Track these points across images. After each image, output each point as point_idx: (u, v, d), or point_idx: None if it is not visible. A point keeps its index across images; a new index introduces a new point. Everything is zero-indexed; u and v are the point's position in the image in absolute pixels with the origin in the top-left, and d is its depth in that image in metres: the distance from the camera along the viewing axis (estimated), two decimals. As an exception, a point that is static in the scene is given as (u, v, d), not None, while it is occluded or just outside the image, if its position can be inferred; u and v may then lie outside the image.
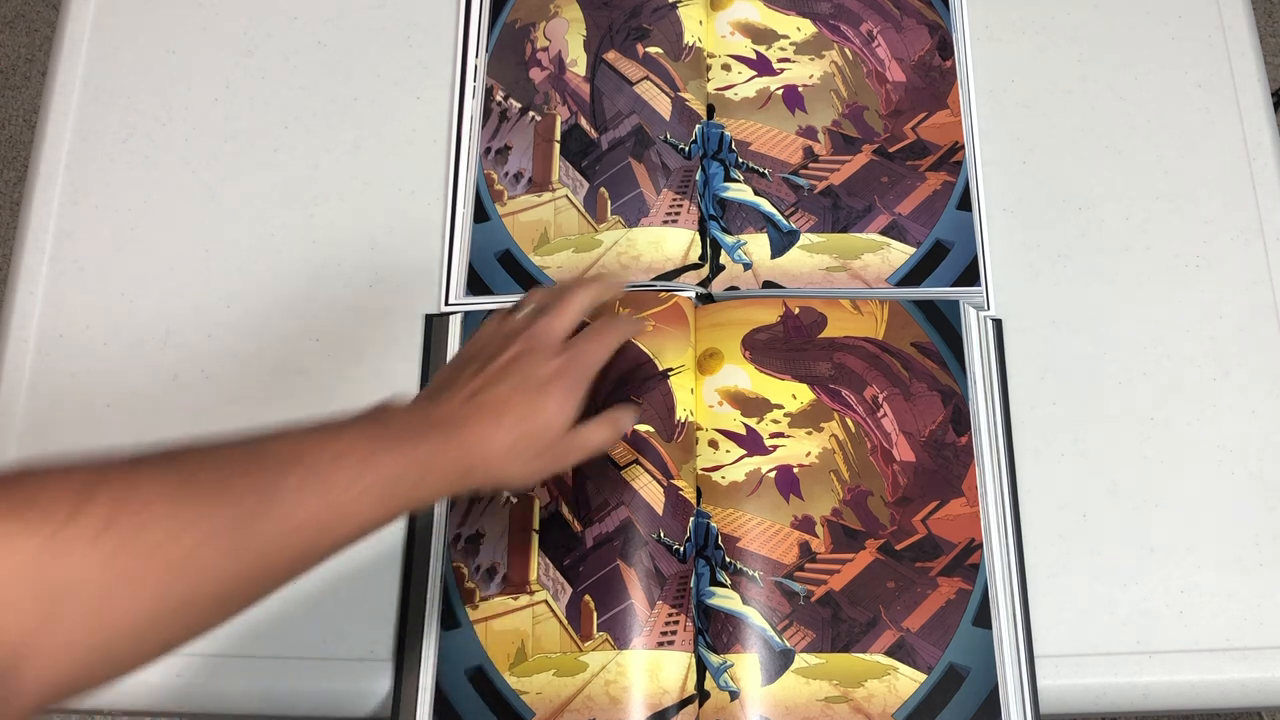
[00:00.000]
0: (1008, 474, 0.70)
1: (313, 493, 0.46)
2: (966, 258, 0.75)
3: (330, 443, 0.48)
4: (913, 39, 0.81)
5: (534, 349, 0.58)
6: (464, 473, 0.53)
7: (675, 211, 0.76)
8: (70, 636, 0.39)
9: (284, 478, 0.45)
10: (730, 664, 0.65)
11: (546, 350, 0.58)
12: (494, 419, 0.55)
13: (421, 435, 0.52)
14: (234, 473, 0.44)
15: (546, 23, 0.83)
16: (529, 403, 0.56)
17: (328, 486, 0.47)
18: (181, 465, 0.43)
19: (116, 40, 0.85)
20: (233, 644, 0.69)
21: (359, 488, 0.48)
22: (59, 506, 0.39)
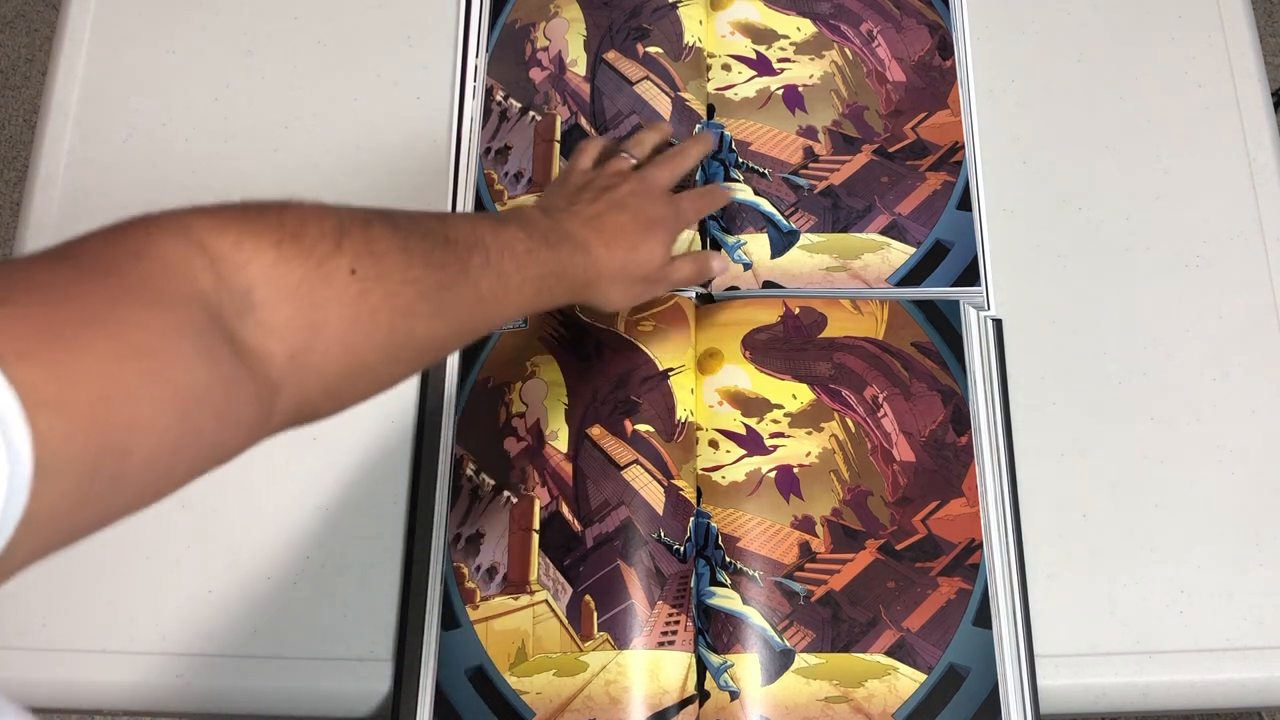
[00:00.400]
0: (1008, 474, 0.70)
1: (490, 273, 0.52)
2: (966, 258, 0.75)
3: (499, 234, 0.54)
4: (913, 39, 0.81)
5: (646, 190, 0.65)
6: (584, 285, 0.60)
7: None
8: (323, 361, 0.43)
9: (470, 256, 0.51)
10: (730, 664, 0.65)
11: (657, 194, 0.66)
12: (610, 243, 0.61)
13: (557, 245, 0.58)
14: (436, 244, 0.49)
15: (546, 23, 0.83)
16: (639, 235, 0.62)
17: (499, 271, 0.53)
18: (401, 229, 0.48)
19: (116, 40, 0.85)
20: (233, 644, 0.69)
21: (520, 277, 0.54)
22: (323, 242, 0.43)
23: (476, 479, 0.70)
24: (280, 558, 0.71)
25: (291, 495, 0.72)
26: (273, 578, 0.71)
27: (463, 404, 0.72)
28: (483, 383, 0.73)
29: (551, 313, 0.73)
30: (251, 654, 0.69)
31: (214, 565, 0.71)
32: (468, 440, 0.71)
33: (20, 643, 0.69)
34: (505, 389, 0.72)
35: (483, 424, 0.72)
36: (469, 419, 0.72)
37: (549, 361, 0.72)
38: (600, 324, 0.73)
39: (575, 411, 0.71)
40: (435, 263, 0.49)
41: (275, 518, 0.72)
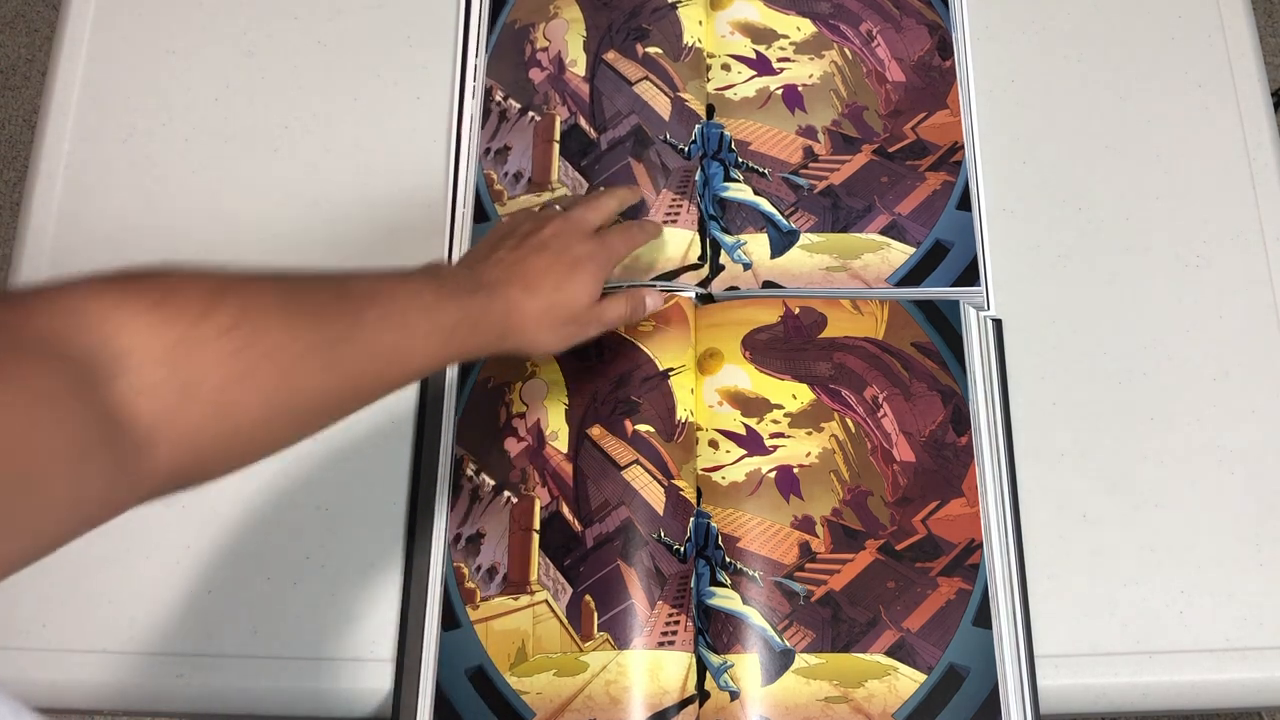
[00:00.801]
0: (1008, 474, 0.70)
1: (389, 327, 0.51)
2: (966, 258, 0.75)
3: (402, 286, 0.53)
4: (912, 39, 0.81)
5: (569, 231, 0.64)
6: (502, 334, 0.58)
7: (675, 211, 0.76)
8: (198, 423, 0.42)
9: (367, 310, 0.50)
10: (730, 664, 0.65)
11: (580, 234, 0.64)
12: (531, 286, 0.60)
13: (471, 294, 0.57)
14: (327, 300, 0.49)
15: (546, 23, 0.83)
16: (563, 275, 0.61)
17: (401, 324, 0.52)
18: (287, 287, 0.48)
19: (116, 40, 0.85)
20: (233, 644, 0.69)
21: (424, 329, 0.53)
22: (194, 304, 0.43)
23: (477, 479, 0.70)
24: (280, 558, 0.71)
25: (291, 495, 0.72)
26: (273, 578, 0.71)
27: (463, 404, 0.72)
28: (483, 383, 0.73)
29: None
30: (251, 654, 0.69)
31: (214, 565, 0.71)
32: (468, 440, 0.71)
33: (20, 643, 0.69)
34: (505, 389, 0.72)
35: (483, 424, 0.72)
36: (469, 419, 0.72)
37: (549, 361, 0.72)
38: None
39: (575, 411, 0.71)
40: (327, 316, 0.48)
41: (275, 518, 0.72)
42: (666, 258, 0.74)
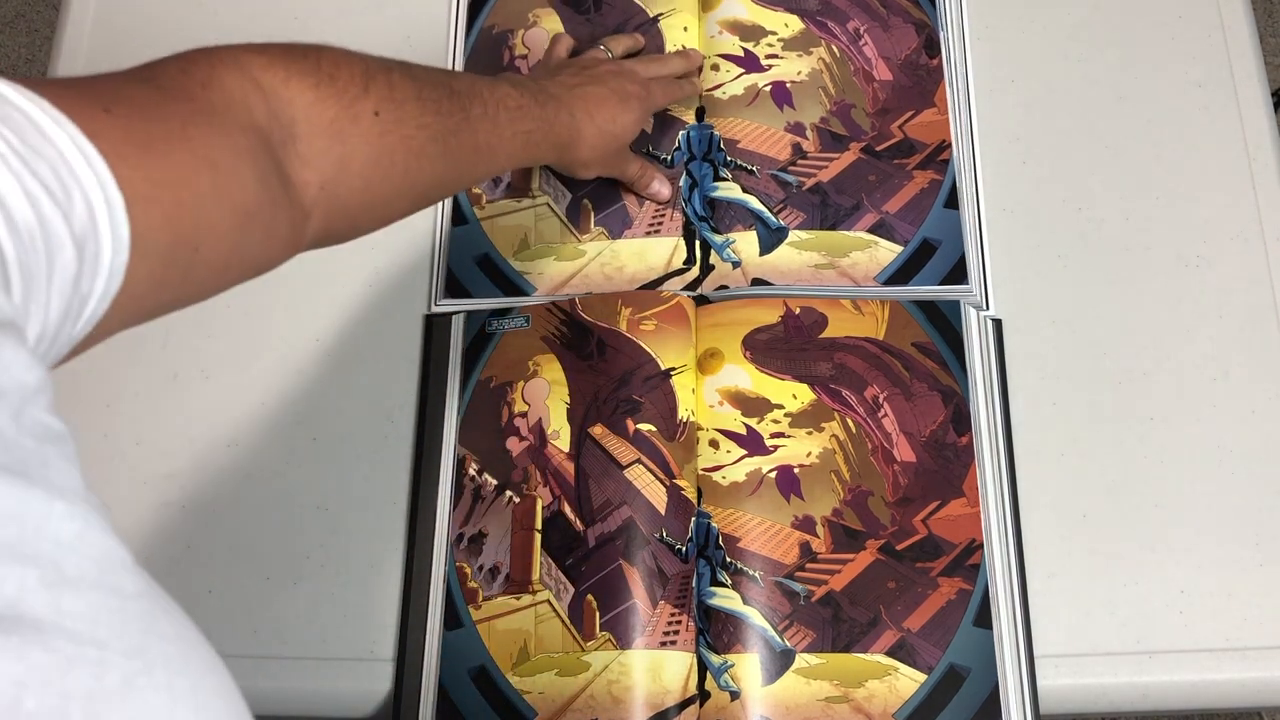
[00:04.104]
0: (1008, 474, 0.70)
1: (486, 123, 0.57)
2: (954, 256, 0.75)
3: (493, 89, 0.59)
4: (899, 37, 0.81)
5: (621, 73, 0.71)
6: (565, 145, 0.65)
7: (658, 221, 0.76)
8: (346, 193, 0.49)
9: (471, 106, 0.56)
10: (731, 664, 0.65)
11: (632, 77, 0.72)
12: (591, 110, 0.67)
13: (544, 103, 0.63)
14: (444, 94, 0.54)
15: (525, 31, 0.83)
16: (616, 107, 0.68)
17: (494, 123, 0.58)
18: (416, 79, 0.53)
19: (116, 40, 0.85)
20: (233, 644, 0.69)
21: (511, 130, 0.59)
22: (350, 86, 0.48)
23: (479, 479, 0.70)
24: (280, 558, 0.71)
25: (291, 495, 0.72)
26: (273, 578, 0.71)
27: (465, 404, 0.72)
28: (485, 382, 0.73)
29: (553, 312, 0.73)
30: (251, 654, 0.69)
31: (214, 565, 0.71)
32: (470, 440, 0.71)
33: (20, 643, 0.69)
34: (507, 389, 0.72)
35: (485, 424, 0.72)
36: (471, 419, 0.72)
37: (551, 361, 0.72)
38: (602, 323, 0.73)
39: (577, 411, 0.71)
40: (444, 110, 0.54)
41: (275, 518, 0.72)
42: (650, 266, 0.75)
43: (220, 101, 0.42)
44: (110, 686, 0.29)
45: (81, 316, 0.35)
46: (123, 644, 0.30)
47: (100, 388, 0.75)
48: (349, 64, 0.49)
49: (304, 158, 0.46)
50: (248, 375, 0.75)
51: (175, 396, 0.75)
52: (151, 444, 0.74)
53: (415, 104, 0.52)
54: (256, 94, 0.44)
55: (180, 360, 0.76)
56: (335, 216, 0.49)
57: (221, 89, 0.43)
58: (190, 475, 0.73)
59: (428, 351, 0.75)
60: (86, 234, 0.34)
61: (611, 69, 0.71)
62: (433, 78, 0.54)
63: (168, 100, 0.40)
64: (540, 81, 0.65)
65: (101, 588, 0.31)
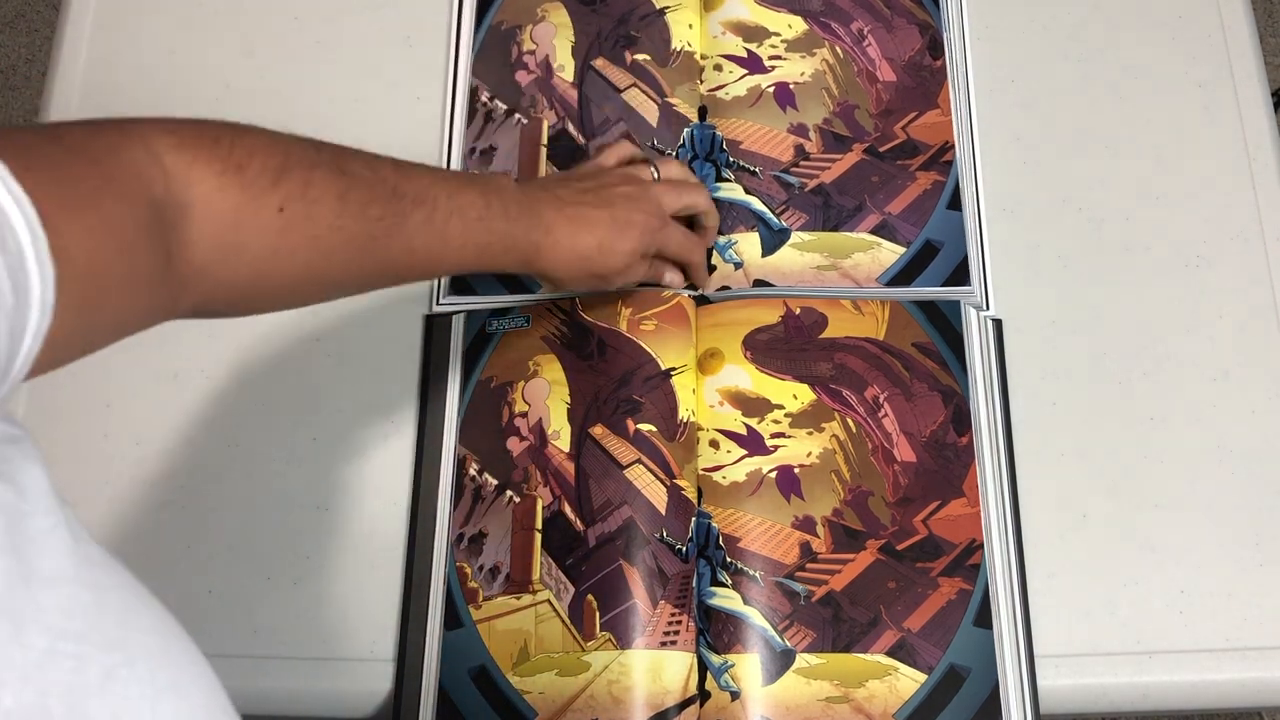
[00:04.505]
0: (1008, 474, 0.70)
1: (429, 231, 0.56)
2: (957, 257, 0.75)
3: (454, 196, 0.57)
4: (903, 39, 0.81)
5: (641, 200, 0.66)
6: (530, 260, 0.62)
7: None
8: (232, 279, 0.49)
9: (413, 212, 0.55)
10: (731, 664, 0.65)
11: (650, 208, 0.66)
12: (577, 231, 0.63)
13: (516, 219, 0.60)
14: (379, 197, 0.53)
15: (534, 26, 0.82)
16: (612, 236, 0.64)
17: (440, 233, 0.56)
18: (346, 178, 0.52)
19: (116, 40, 0.85)
20: (233, 644, 0.69)
21: (460, 241, 0.57)
22: (260, 178, 0.48)
23: (479, 479, 0.70)
24: (280, 558, 0.71)
25: (291, 495, 0.72)
26: (273, 578, 0.71)
27: (465, 404, 0.72)
28: (485, 383, 0.73)
29: (553, 312, 0.73)
30: (251, 654, 0.69)
31: (214, 565, 0.71)
32: (470, 440, 0.71)
33: (21, 643, 0.69)
34: (508, 389, 0.72)
35: (485, 424, 0.72)
36: (471, 419, 0.72)
37: (551, 361, 0.72)
38: (602, 323, 0.73)
39: (577, 411, 0.71)
40: (371, 215, 0.53)
41: (275, 518, 0.72)
42: None
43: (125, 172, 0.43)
44: (90, 680, 0.29)
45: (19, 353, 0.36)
46: (101, 637, 0.30)
47: (100, 388, 0.75)
48: (266, 153, 0.49)
49: (190, 240, 0.46)
50: (248, 375, 0.75)
51: (175, 396, 0.75)
52: (151, 444, 0.74)
53: (333, 204, 0.51)
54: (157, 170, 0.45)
55: (180, 360, 0.76)
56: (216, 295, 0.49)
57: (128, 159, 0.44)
58: (190, 475, 0.73)
59: (428, 351, 0.75)
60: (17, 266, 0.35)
61: (630, 192, 0.66)
62: (374, 175, 0.54)
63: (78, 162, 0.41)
64: (529, 193, 0.62)
65: (77, 582, 0.31)
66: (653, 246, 0.66)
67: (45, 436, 0.75)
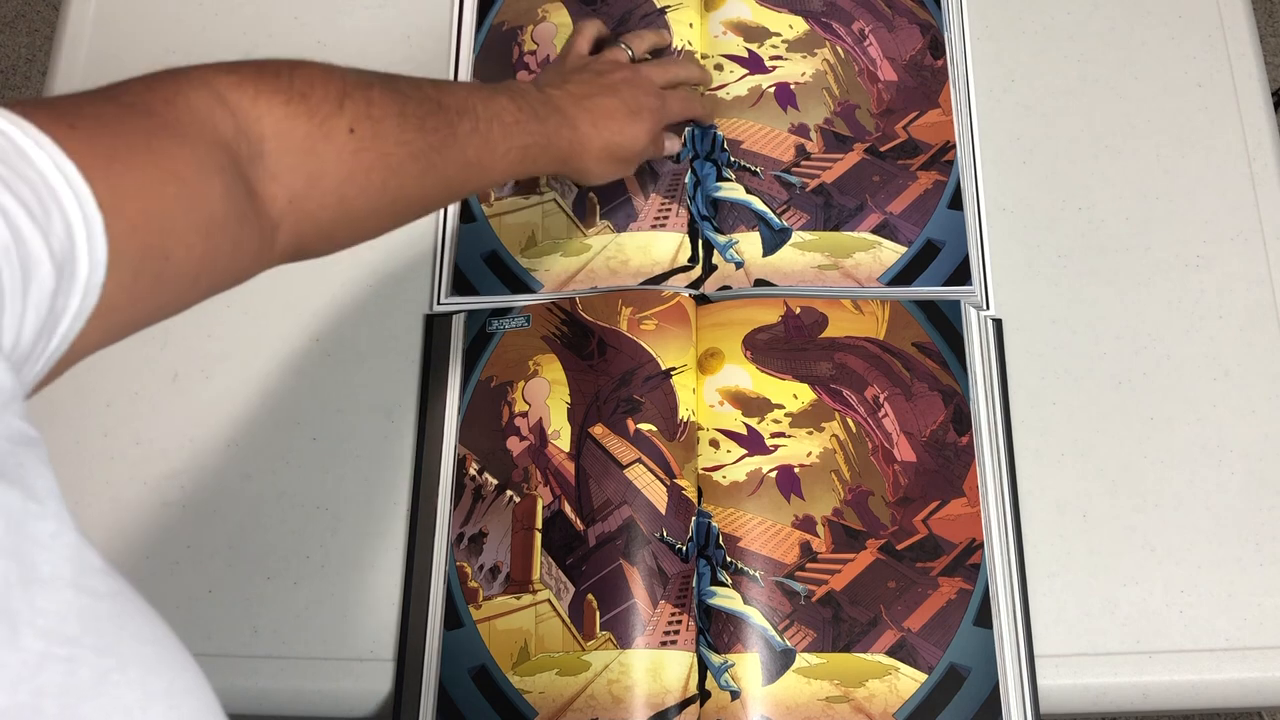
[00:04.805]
0: (1008, 474, 0.70)
1: (477, 139, 0.57)
2: (958, 257, 0.75)
3: (489, 103, 0.58)
4: (904, 38, 0.81)
5: (637, 82, 0.70)
6: (566, 158, 0.64)
7: (664, 216, 0.76)
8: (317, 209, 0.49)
9: (460, 122, 0.56)
10: (731, 664, 0.65)
11: (646, 87, 0.70)
12: (598, 123, 0.66)
13: (545, 118, 0.62)
14: (430, 110, 0.54)
15: (534, 26, 0.82)
16: (626, 119, 0.67)
17: (486, 138, 0.57)
18: (400, 95, 0.53)
19: (116, 40, 0.85)
20: (233, 644, 0.69)
21: (506, 145, 0.59)
22: (324, 104, 0.48)
23: (479, 478, 0.70)
24: (280, 558, 0.71)
25: (291, 495, 0.72)
26: (273, 578, 0.71)
27: (465, 404, 0.72)
28: (485, 382, 0.73)
29: (553, 312, 0.73)
30: (251, 654, 0.69)
31: (214, 565, 0.71)
32: (470, 440, 0.71)
33: (21, 643, 0.69)
34: (508, 388, 0.72)
35: (485, 423, 0.72)
36: (471, 418, 0.72)
37: (551, 360, 0.72)
38: (602, 323, 0.73)
39: (578, 410, 0.71)
40: (428, 128, 0.53)
41: (275, 518, 0.72)
42: (655, 261, 0.74)
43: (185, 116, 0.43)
44: (83, 683, 0.29)
45: (56, 333, 0.36)
46: (96, 642, 0.30)
47: (100, 388, 0.75)
48: (324, 81, 0.49)
49: (272, 173, 0.46)
50: (248, 375, 0.75)
51: (175, 396, 0.75)
52: (151, 444, 0.74)
53: (395, 120, 0.52)
54: (223, 110, 0.44)
55: (180, 360, 0.76)
56: (307, 230, 0.49)
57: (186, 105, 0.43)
58: (190, 475, 0.73)
59: (428, 351, 0.75)
60: (65, 252, 0.35)
61: (626, 76, 0.69)
62: (421, 93, 0.54)
63: (131, 115, 0.41)
64: (546, 91, 0.65)
65: (75, 587, 0.31)
66: (662, 122, 0.70)
67: (45, 436, 0.75)
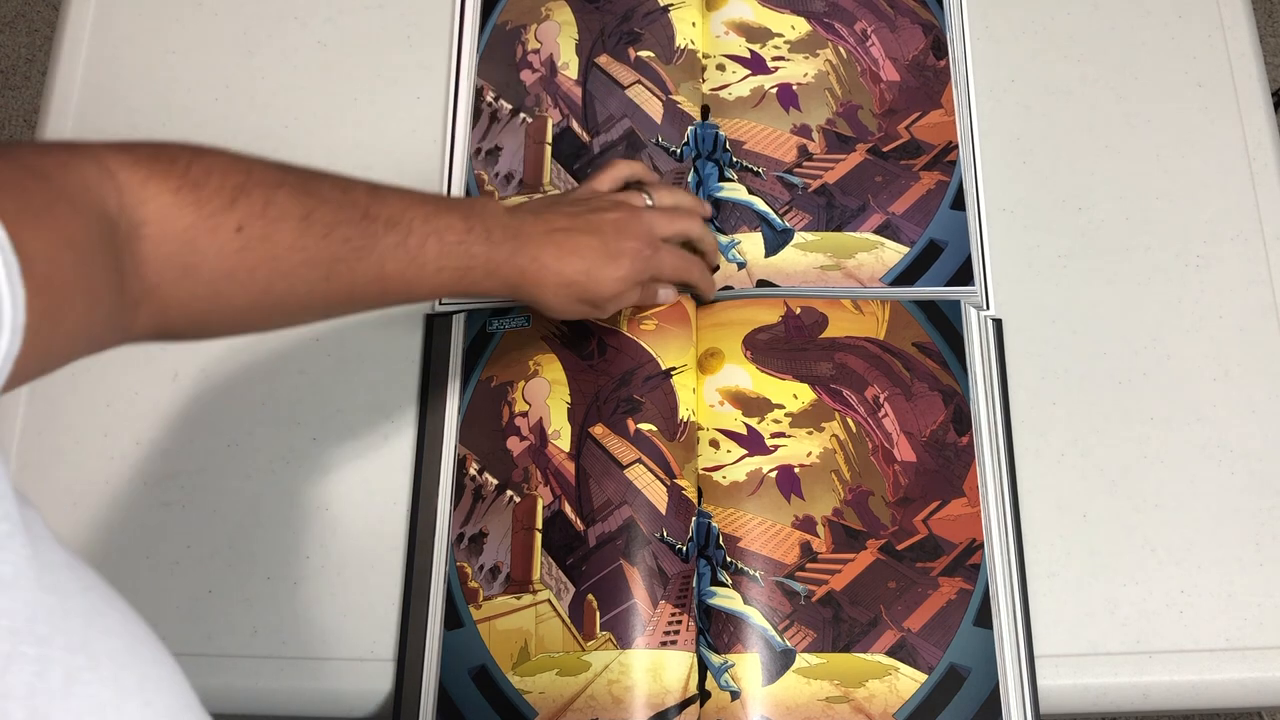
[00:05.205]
0: (1008, 474, 0.70)
1: (401, 258, 0.54)
2: (960, 257, 0.75)
3: (430, 219, 0.55)
4: (907, 38, 0.81)
5: (632, 227, 0.64)
6: (516, 286, 0.61)
7: None
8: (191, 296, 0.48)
9: (385, 236, 0.53)
10: (731, 664, 0.65)
11: (641, 234, 0.65)
12: (563, 258, 0.61)
13: (500, 243, 0.59)
14: (346, 219, 0.52)
15: (538, 25, 0.82)
16: (600, 262, 0.62)
17: (414, 258, 0.55)
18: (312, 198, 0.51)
19: (116, 40, 0.85)
20: (233, 643, 0.69)
21: (438, 265, 0.56)
22: (215, 198, 0.47)
23: (479, 478, 0.70)
24: (280, 558, 0.71)
25: (291, 495, 0.72)
26: (273, 578, 0.71)
27: (465, 404, 0.72)
28: (485, 382, 0.73)
29: None
30: (251, 654, 0.69)
31: (214, 565, 0.71)
32: (470, 440, 0.71)
33: (21, 643, 0.69)
34: (508, 388, 0.72)
35: (485, 423, 0.72)
36: (471, 418, 0.72)
37: (551, 360, 0.72)
38: (602, 323, 0.73)
39: (578, 410, 0.71)
40: (336, 237, 0.51)
41: (275, 518, 0.72)
42: None
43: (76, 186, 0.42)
44: (53, 683, 0.29)
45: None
46: (65, 640, 0.30)
47: (100, 388, 0.75)
48: (224, 173, 0.48)
49: (144, 257, 0.45)
50: (248, 375, 0.75)
51: (175, 396, 0.75)
52: (151, 444, 0.74)
53: (295, 224, 0.50)
54: (111, 184, 0.44)
55: (180, 360, 0.76)
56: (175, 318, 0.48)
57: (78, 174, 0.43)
58: (190, 475, 0.73)
59: (428, 351, 0.75)
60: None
61: (620, 218, 0.64)
62: (346, 198, 0.52)
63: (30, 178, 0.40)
64: (520, 216, 0.61)
65: (40, 586, 0.31)
66: (646, 273, 0.65)
67: (45, 436, 0.75)
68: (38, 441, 0.74)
